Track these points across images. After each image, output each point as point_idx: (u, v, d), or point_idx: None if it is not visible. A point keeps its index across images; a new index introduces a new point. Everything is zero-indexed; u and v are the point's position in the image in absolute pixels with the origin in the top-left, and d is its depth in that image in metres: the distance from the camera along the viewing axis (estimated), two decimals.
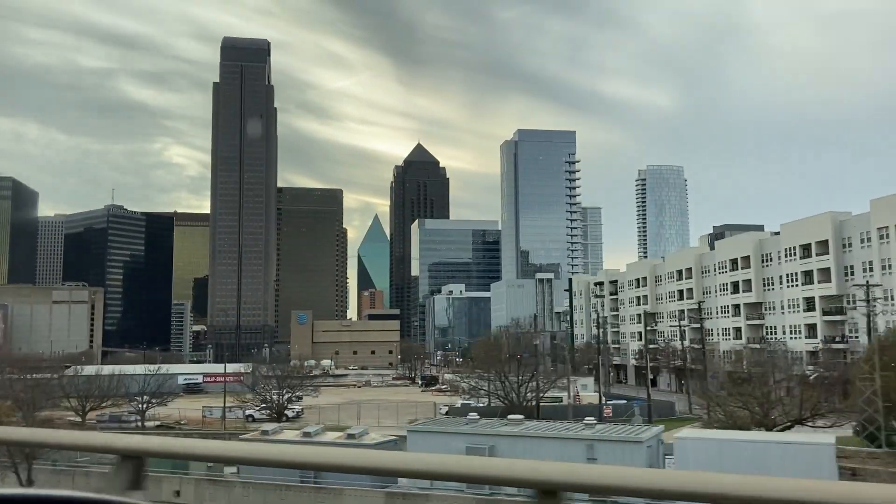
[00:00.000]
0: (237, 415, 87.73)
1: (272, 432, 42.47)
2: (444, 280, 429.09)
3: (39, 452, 58.20)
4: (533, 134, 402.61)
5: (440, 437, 37.81)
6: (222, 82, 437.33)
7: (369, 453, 3.31)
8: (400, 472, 3.34)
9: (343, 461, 3.38)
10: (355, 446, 37.90)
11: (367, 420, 79.52)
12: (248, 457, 3.71)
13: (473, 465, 3.02)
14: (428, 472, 3.47)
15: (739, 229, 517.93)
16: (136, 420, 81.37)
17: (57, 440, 4.64)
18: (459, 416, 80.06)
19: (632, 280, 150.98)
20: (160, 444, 3.83)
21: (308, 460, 3.83)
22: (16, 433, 4.73)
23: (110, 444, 3.97)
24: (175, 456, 3.81)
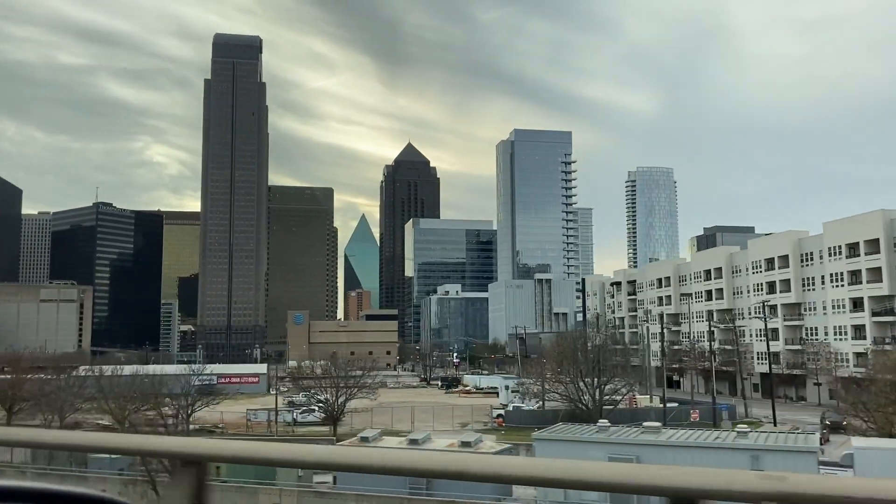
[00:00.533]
0: (266, 418, 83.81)
1: (372, 439, 39.05)
2: (438, 280, 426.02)
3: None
4: (529, 134, 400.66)
5: (575, 445, 34.66)
6: (214, 79, 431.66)
7: (498, 459, 3.06)
8: (535, 480, 3.02)
9: (464, 468, 3.06)
10: (472, 454, 34.59)
11: (416, 424, 76.11)
12: (346, 462, 3.37)
13: (615, 472, 2.77)
14: (565, 481, 3.07)
15: (730, 231, 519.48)
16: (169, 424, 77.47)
17: (117, 444, 4.41)
18: (517, 419, 77.08)
19: (653, 280, 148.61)
20: (231, 449, 3.49)
21: (423, 467, 3.38)
22: (68, 437, 4.50)
23: (169, 448, 3.72)
24: (265, 462, 3.48)
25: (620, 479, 2.64)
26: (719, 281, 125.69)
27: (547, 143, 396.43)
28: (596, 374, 68.64)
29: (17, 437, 4.87)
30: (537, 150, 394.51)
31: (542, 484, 2.94)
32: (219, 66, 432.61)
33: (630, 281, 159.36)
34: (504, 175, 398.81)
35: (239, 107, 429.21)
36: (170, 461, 3.52)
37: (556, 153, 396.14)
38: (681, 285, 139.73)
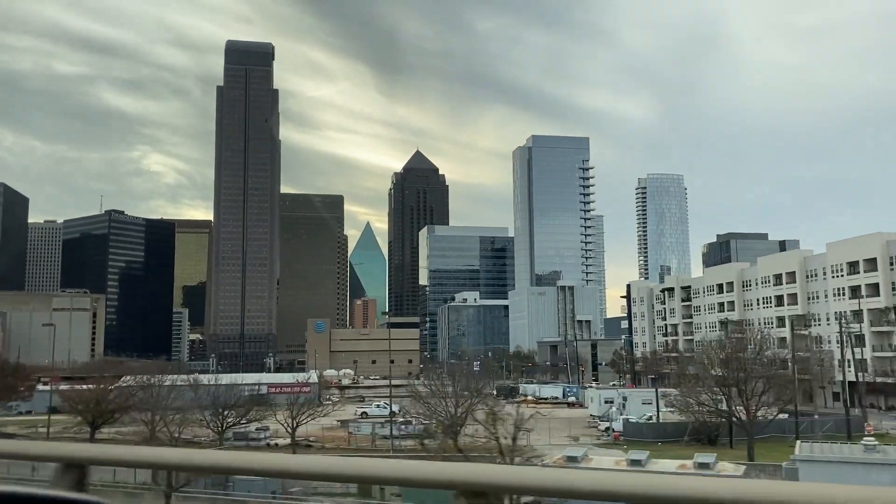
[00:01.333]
0: (370, 431, 78.72)
1: (582, 458, 34.59)
2: (453, 288, 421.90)
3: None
4: (546, 140, 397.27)
5: (854, 468, 30.52)
6: (226, 86, 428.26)
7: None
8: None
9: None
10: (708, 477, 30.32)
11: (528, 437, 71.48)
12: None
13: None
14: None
15: (744, 238, 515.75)
16: (266, 437, 73.05)
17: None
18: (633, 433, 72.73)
19: (711, 286, 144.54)
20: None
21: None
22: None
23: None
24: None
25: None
26: (792, 286, 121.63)
27: (564, 149, 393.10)
28: (750, 384, 64.53)
29: None
30: (555, 157, 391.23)
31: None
32: (231, 72, 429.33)
33: (684, 287, 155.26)
34: (521, 181, 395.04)
35: (252, 113, 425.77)
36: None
37: (574, 159, 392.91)
38: (744, 290, 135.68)
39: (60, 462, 3.75)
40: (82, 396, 69.34)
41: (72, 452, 3.71)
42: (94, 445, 4.10)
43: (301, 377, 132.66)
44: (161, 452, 3.47)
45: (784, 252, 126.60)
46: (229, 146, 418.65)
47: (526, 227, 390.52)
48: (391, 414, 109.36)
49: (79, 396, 69.49)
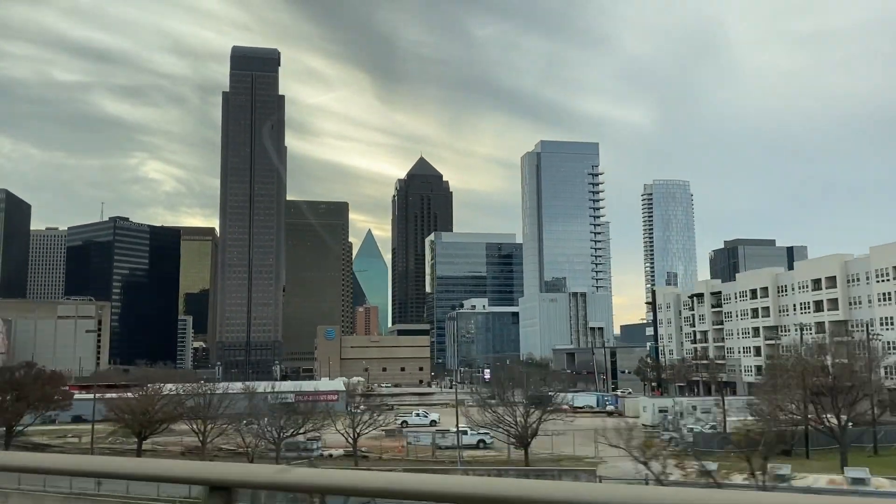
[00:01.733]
0: (430, 441, 75.27)
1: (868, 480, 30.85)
2: (460, 295, 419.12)
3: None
4: (555, 146, 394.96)
5: None
6: (232, 92, 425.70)
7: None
8: None
9: None
10: None
11: (586, 449, 68.63)
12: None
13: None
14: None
15: (752, 244, 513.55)
16: (318, 448, 70.12)
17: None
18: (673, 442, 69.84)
19: (744, 291, 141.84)
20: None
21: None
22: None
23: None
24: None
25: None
26: (832, 290, 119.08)
27: (574, 154, 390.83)
28: (840, 392, 61.76)
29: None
30: (564, 162, 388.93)
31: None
32: (237, 78, 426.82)
33: (714, 292, 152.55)
34: (530, 187, 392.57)
35: (258, 120, 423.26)
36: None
37: (583, 165, 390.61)
38: (780, 296, 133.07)
39: (207, 484, 3.58)
40: (129, 405, 66.39)
41: (219, 474, 3.56)
42: (239, 466, 2.60)
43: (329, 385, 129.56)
44: (316, 475, 3.53)
45: (824, 256, 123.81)
46: (235, 152, 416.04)
47: (535, 232, 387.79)
48: (432, 423, 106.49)
49: (126, 405, 66.53)
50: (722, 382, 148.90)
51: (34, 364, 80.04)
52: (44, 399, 74.77)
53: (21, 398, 75.07)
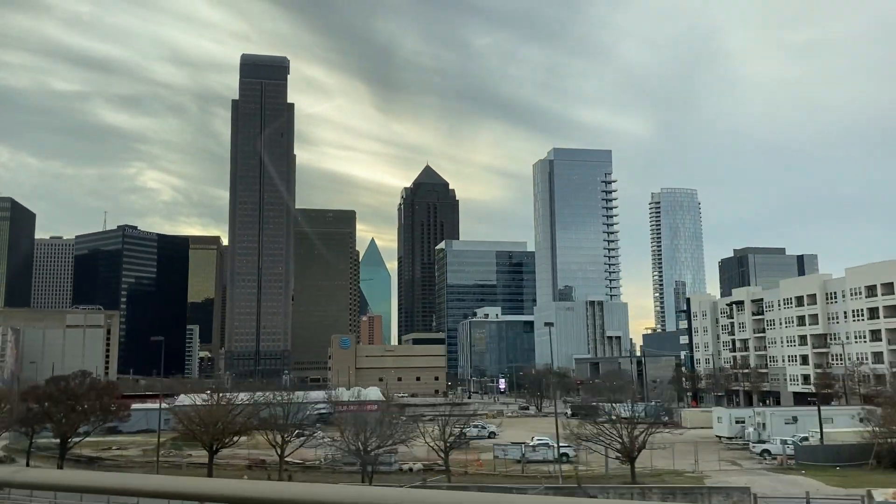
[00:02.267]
0: (518, 455, 71.50)
1: None
2: (472, 303, 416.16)
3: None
4: (568, 153, 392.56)
5: None
6: (242, 100, 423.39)
7: None
8: None
9: None
10: None
11: (684, 463, 65.42)
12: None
13: None
14: None
15: (762, 252, 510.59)
16: (395, 461, 66.76)
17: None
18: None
19: (789, 298, 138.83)
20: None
21: None
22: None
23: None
24: None
25: None
26: (889, 297, 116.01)
27: (587, 162, 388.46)
28: None
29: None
30: (576, 170, 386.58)
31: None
32: (247, 86, 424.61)
33: (755, 300, 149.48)
34: (542, 195, 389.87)
35: (267, 127, 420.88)
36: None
37: (597, 172, 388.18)
38: (829, 303, 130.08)
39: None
40: (201, 416, 63.07)
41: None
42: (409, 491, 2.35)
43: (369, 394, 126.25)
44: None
45: (879, 262, 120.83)
46: (245, 160, 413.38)
47: (548, 240, 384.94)
48: (490, 435, 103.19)
49: (198, 415, 63.20)
50: (765, 392, 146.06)
51: (89, 373, 76.68)
52: (102, 410, 71.35)
53: (76, 409, 71.80)
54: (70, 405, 71.59)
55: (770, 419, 77.06)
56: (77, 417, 71.35)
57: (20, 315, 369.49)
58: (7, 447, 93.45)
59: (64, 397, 71.44)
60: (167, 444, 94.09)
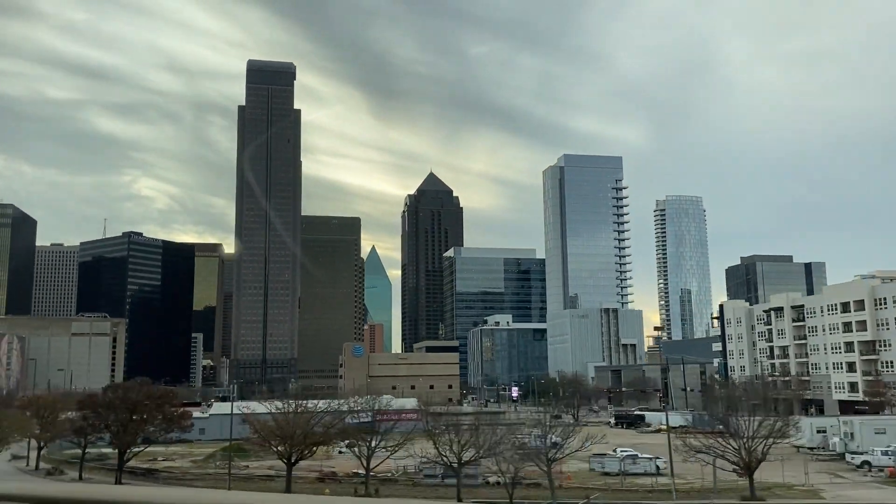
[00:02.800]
0: (617, 468, 67.98)
1: None
2: (481, 311, 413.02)
3: None
4: (578, 159, 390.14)
5: None
6: (248, 106, 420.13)
7: None
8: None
9: None
10: None
11: (773, 475, 62.14)
12: None
13: None
14: None
15: (769, 260, 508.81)
16: (477, 473, 63.31)
17: None
18: None
19: (834, 304, 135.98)
20: None
21: None
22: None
23: None
24: None
25: None
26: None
27: (597, 168, 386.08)
28: None
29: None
30: (587, 176, 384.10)
31: None
32: (253, 92, 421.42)
33: (795, 306, 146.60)
34: (553, 201, 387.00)
35: (274, 134, 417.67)
36: None
37: (607, 178, 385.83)
38: (878, 309, 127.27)
39: None
40: (280, 424, 59.69)
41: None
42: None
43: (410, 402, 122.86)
44: None
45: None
46: (251, 166, 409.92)
47: (558, 247, 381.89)
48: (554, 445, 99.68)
49: (278, 424, 59.81)
50: (807, 400, 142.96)
51: (148, 380, 73.26)
52: (165, 419, 67.92)
53: (138, 418, 68.40)
54: (129, 414, 68.24)
55: (860, 429, 73.99)
56: (136, 426, 68.00)
57: (25, 323, 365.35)
58: (47, 457, 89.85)
59: (124, 406, 68.07)
60: (216, 455, 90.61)
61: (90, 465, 78.43)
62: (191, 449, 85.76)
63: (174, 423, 68.49)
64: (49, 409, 79.66)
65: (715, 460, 55.82)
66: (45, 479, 76.41)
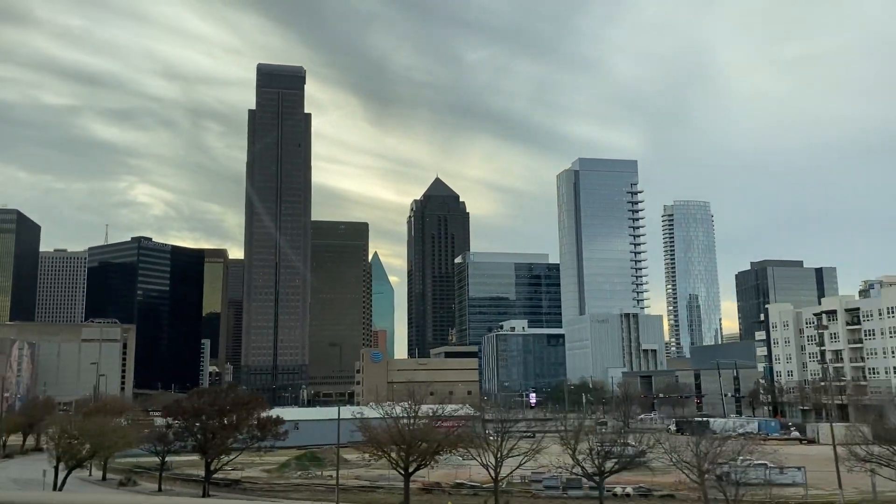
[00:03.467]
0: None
1: None
2: (493, 317, 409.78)
3: None
4: (593, 163, 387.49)
5: None
6: (259, 110, 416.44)
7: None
8: None
9: None
10: None
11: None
12: None
13: None
14: None
15: (780, 265, 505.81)
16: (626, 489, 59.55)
17: None
18: None
19: (892, 307, 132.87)
20: None
21: None
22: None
23: None
24: None
25: None
26: None
27: (612, 172, 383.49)
28: None
29: None
30: (602, 180, 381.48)
31: None
32: (264, 96, 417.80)
33: (850, 309, 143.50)
34: (568, 206, 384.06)
35: (285, 138, 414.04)
36: None
37: (622, 182, 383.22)
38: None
39: None
40: (396, 431, 56.06)
41: None
42: None
43: (465, 409, 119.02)
44: None
45: None
46: (261, 171, 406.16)
47: (573, 252, 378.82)
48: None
49: (394, 430, 56.18)
50: (865, 405, 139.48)
51: (236, 384, 69.46)
52: (260, 426, 64.15)
53: (229, 425, 64.61)
54: (219, 420, 64.47)
55: None
56: (227, 433, 64.24)
57: (34, 329, 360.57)
58: (114, 467, 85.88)
59: (214, 412, 64.31)
60: (290, 463, 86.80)
61: (166, 474, 74.46)
62: (255, 457, 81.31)
63: (267, 430, 64.64)
64: (134, 414, 75.75)
65: (873, 472, 52.42)
66: (119, 491, 72.54)
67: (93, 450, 64.23)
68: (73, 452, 63.19)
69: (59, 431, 65.69)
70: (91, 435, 63.89)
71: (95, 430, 65.36)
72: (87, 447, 63.38)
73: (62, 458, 63.83)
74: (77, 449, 63.14)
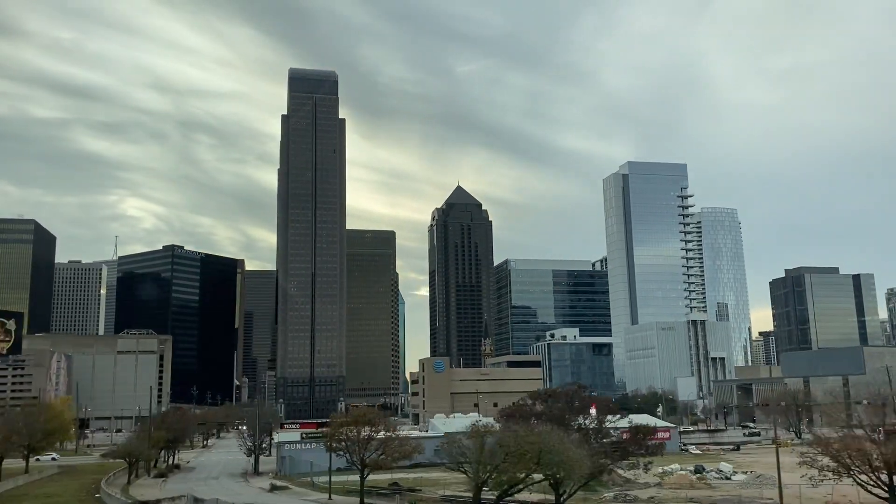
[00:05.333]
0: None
1: None
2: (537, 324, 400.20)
3: None
4: (643, 167, 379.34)
5: None
6: (291, 116, 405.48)
7: None
8: None
9: None
10: None
11: None
12: None
13: None
14: None
15: (817, 272, 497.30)
16: None
17: None
18: None
19: None
20: None
21: None
22: None
23: None
24: None
25: None
26: None
27: (662, 176, 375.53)
28: None
29: None
30: (651, 184, 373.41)
31: None
32: (296, 101, 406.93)
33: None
34: (616, 211, 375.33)
35: (320, 144, 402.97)
36: None
37: (673, 186, 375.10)
38: None
39: None
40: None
41: None
42: None
43: (659, 420, 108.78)
44: None
45: None
46: (296, 178, 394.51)
47: (623, 258, 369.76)
48: None
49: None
50: None
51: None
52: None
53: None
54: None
55: None
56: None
57: (69, 340, 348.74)
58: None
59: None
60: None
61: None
62: (409, 474, 70.00)
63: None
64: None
65: None
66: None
67: None
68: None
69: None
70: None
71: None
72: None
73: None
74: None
